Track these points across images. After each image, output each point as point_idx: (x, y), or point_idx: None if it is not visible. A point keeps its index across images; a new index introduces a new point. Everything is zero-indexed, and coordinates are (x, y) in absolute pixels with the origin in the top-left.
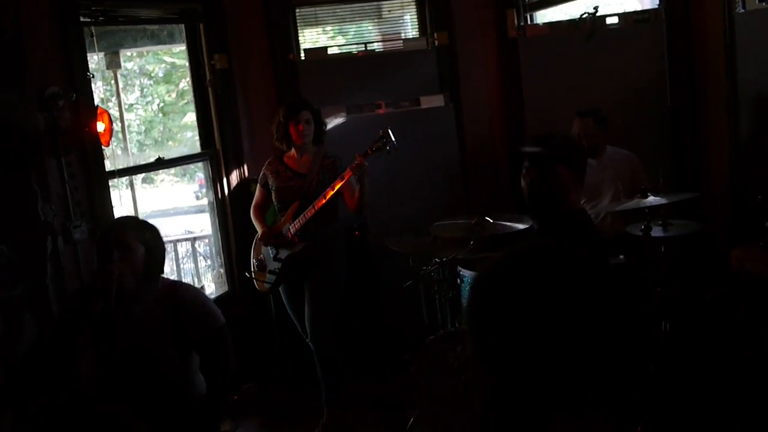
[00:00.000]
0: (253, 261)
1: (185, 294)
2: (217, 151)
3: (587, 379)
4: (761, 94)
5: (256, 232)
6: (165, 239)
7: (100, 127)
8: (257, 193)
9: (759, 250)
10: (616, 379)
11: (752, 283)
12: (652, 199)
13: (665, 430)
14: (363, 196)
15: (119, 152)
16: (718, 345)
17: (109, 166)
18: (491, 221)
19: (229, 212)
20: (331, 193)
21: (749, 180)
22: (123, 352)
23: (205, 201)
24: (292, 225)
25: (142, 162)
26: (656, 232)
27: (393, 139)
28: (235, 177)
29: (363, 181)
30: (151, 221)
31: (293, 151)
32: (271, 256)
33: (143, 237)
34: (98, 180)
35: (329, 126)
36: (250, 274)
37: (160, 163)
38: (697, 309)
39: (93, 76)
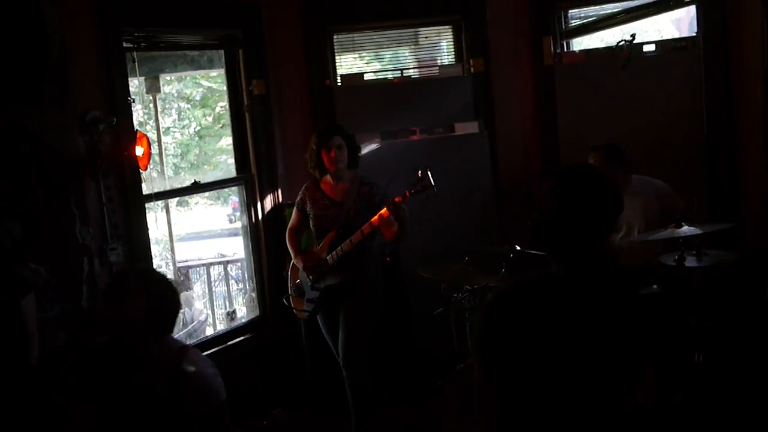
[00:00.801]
0: (290, 285)
1: (190, 364)
2: (252, 175)
3: (593, 409)
4: None
5: (290, 256)
6: (198, 262)
7: (139, 151)
8: (294, 216)
9: None
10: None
11: None
12: (686, 229)
13: None
14: (402, 233)
15: (155, 175)
16: (753, 375)
17: (145, 189)
18: (524, 250)
19: (263, 236)
20: (369, 230)
21: None
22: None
23: (238, 224)
24: (329, 256)
25: (178, 185)
26: (690, 262)
27: (432, 182)
28: (269, 201)
29: (402, 221)
30: (184, 244)
31: (329, 177)
32: (309, 284)
33: (149, 288)
34: (135, 203)
35: (363, 151)
36: (288, 300)
37: (196, 187)
38: (731, 340)
39: (134, 101)
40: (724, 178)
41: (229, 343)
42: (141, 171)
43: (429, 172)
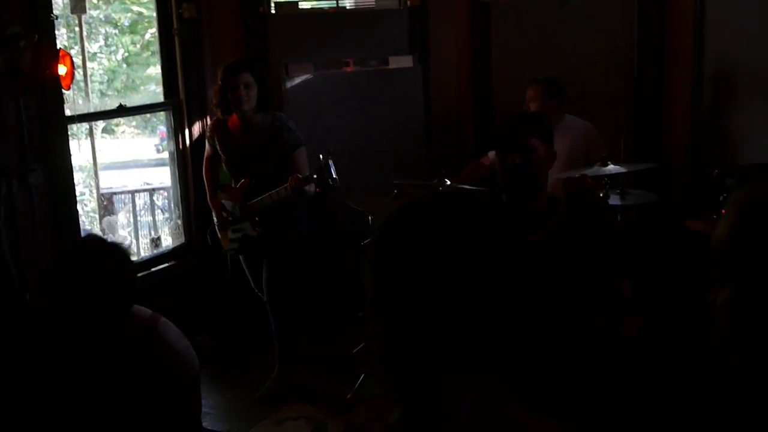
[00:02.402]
0: (215, 217)
1: (165, 334)
2: (180, 101)
3: (485, 335)
4: (725, 71)
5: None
6: (123, 189)
7: (62, 70)
8: (207, 149)
9: (713, 222)
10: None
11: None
12: (611, 168)
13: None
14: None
15: (81, 102)
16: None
17: (69, 112)
18: (452, 183)
19: (190, 163)
20: (284, 194)
21: (708, 154)
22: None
23: (165, 155)
24: (243, 206)
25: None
26: (614, 200)
27: (335, 175)
28: (197, 128)
29: (303, 197)
30: (110, 173)
31: (237, 117)
32: (231, 225)
33: (100, 264)
34: (57, 124)
35: (296, 81)
36: (211, 235)
37: (122, 111)
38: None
39: (57, 18)
40: (651, 120)
41: (153, 269)
42: (64, 91)
43: (332, 165)
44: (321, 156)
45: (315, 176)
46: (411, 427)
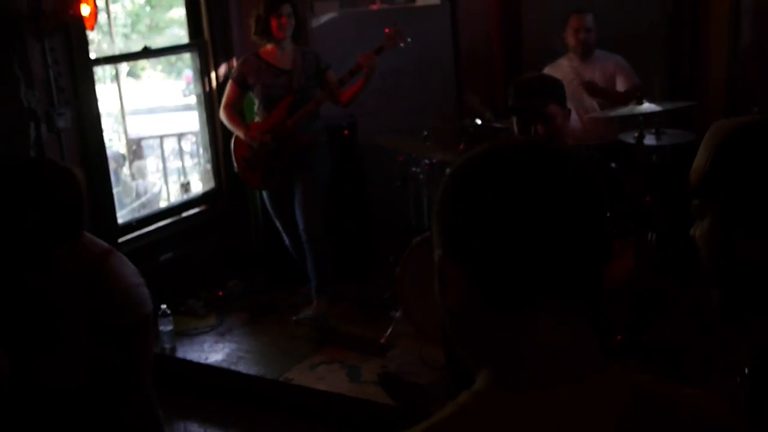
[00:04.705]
0: (236, 160)
1: (114, 269)
2: (205, 41)
3: (567, 280)
4: (763, 4)
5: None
6: (152, 135)
7: (85, 10)
8: (230, 91)
9: None
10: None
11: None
12: (647, 106)
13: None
14: (363, 90)
15: (105, 46)
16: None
17: (94, 54)
18: (484, 124)
19: (217, 106)
20: (349, 78)
21: (746, 91)
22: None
23: (192, 99)
24: (291, 120)
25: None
26: (649, 140)
27: (403, 35)
28: (223, 70)
29: (369, 77)
30: (137, 118)
31: (271, 46)
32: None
33: (41, 188)
34: (83, 66)
35: (322, 20)
36: (242, 173)
37: (147, 52)
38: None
39: None
40: (686, 56)
41: (183, 215)
42: (88, 32)
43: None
44: (386, 29)
45: (382, 48)
46: (499, 393)
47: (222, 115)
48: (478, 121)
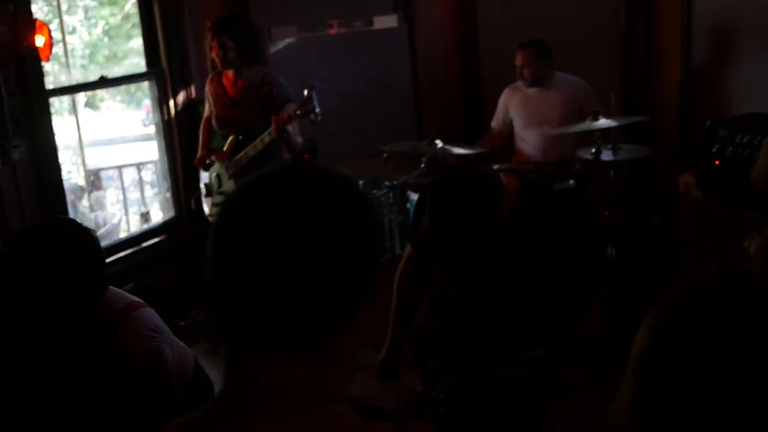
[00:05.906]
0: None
1: (130, 331)
2: (163, 70)
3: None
4: (715, 22)
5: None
6: (111, 166)
7: (40, 41)
8: (206, 109)
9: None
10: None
11: (696, 209)
12: (603, 122)
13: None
14: (290, 149)
15: (63, 77)
16: (661, 269)
17: (50, 85)
18: (442, 145)
19: (176, 134)
20: (268, 139)
21: (699, 105)
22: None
23: (152, 129)
24: (230, 162)
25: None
26: (606, 155)
27: (317, 106)
28: (182, 98)
29: (287, 142)
30: (96, 149)
31: (231, 72)
32: (216, 187)
33: (61, 250)
34: (38, 98)
35: (279, 46)
36: (196, 201)
37: (104, 82)
38: (643, 234)
39: None
40: (639, 72)
41: (143, 245)
42: (44, 63)
43: (314, 94)
44: (305, 91)
45: (298, 112)
46: (221, 417)
47: (200, 129)
48: (438, 143)
